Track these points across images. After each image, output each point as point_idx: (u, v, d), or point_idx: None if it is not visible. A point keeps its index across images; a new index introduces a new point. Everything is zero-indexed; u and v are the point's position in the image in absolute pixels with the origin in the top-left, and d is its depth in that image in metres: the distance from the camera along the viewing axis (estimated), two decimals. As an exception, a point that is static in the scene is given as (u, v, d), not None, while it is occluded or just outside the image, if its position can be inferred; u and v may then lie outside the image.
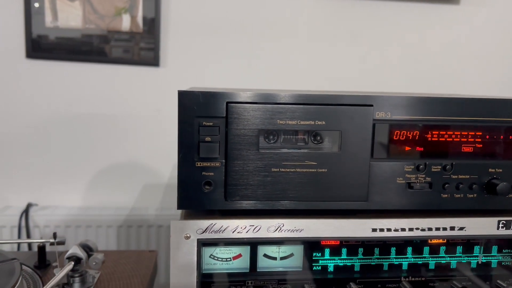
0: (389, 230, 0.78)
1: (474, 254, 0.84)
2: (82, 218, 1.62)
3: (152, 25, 1.55)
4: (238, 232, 0.75)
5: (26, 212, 1.60)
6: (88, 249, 1.07)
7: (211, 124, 0.72)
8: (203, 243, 0.75)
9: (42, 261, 1.08)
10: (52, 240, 1.03)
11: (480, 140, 0.79)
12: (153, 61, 1.59)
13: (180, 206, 0.73)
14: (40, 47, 1.54)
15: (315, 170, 0.75)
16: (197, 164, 0.72)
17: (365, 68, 1.64)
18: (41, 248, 1.09)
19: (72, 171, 1.64)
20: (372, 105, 0.74)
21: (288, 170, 0.74)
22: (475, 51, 1.70)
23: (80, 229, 1.61)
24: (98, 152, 1.63)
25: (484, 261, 0.84)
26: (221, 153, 0.73)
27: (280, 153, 0.74)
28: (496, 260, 0.84)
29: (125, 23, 1.55)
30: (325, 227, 0.77)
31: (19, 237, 1.55)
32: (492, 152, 0.79)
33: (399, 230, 0.78)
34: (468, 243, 0.83)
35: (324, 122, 0.74)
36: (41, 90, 1.57)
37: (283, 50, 1.61)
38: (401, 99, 0.75)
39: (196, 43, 1.58)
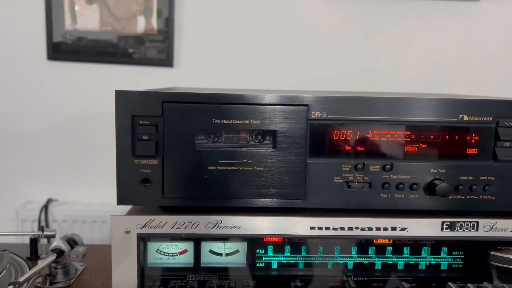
0: (327, 228, 0.74)
1: (422, 256, 0.79)
2: (98, 214, 1.64)
3: (166, 27, 1.55)
4: (177, 228, 0.74)
5: (46, 207, 1.64)
6: (72, 242, 1.08)
7: (147, 122, 0.71)
8: (142, 238, 0.74)
9: (34, 253, 1.10)
10: (40, 233, 1.05)
11: (426, 139, 0.74)
12: (167, 62, 1.59)
13: (119, 201, 0.72)
14: (60, 49, 1.58)
15: (252, 168, 0.73)
16: (135, 161, 0.71)
17: (379, 68, 1.58)
18: (33, 240, 1.11)
19: (92, 168, 1.66)
20: (307, 105, 0.72)
21: (225, 168, 0.72)
22: (496, 49, 1.58)
23: (96, 224, 1.64)
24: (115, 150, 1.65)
25: (433, 262, 0.79)
26: (159, 151, 0.72)
27: (216, 151, 0.72)
28: (446, 262, 0.79)
29: (140, 25, 1.56)
30: (263, 224, 0.74)
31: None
32: (436, 152, 0.75)
33: (338, 229, 0.75)
34: (416, 244, 0.79)
35: (259, 122, 0.71)
36: (62, 90, 1.61)
37: (297, 50, 1.56)
38: (336, 99, 0.71)
39: (210, 44, 1.56)
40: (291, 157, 0.72)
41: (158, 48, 1.56)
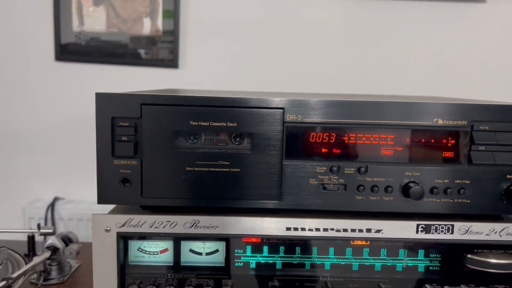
0: (303, 229, 0.74)
1: (399, 258, 0.79)
2: (103, 213, 1.66)
3: (171, 28, 1.56)
4: (156, 227, 0.74)
5: (52, 205, 1.67)
6: (67, 239, 1.09)
7: (127, 124, 0.71)
8: (122, 236, 0.75)
9: (32, 250, 1.12)
10: (37, 231, 1.07)
11: (401, 143, 0.74)
12: (172, 63, 1.60)
13: (99, 201, 0.73)
14: (68, 50, 1.60)
15: (229, 169, 0.73)
16: (115, 162, 0.72)
17: (385, 69, 1.56)
18: (30, 237, 1.12)
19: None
20: (282, 108, 0.72)
21: (202, 169, 0.73)
22: (503, 51, 1.56)
23: (100, 223, 1.65)
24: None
25: (410, 265, 0.79)
26: (138, 152, 0.72)
27: (194, 152, 0.72)
28: (423, 265, 0.79)
29: (146, 26, 1.58)
30: (240, 224, 0.74)
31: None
32: (412, 155, 0.74)
33: (314, 230, 0.75)
34: (393, 246, 0.78)
35: (235, 124, 0.72)
36: (70, 91, 1.63)
37: (302, 52, 1.55)
38: (311, 103, 0.72)
39: (214, 45, 1.57)
40: (267, 159, 0.72)
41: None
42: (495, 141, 0.71)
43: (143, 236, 0.76)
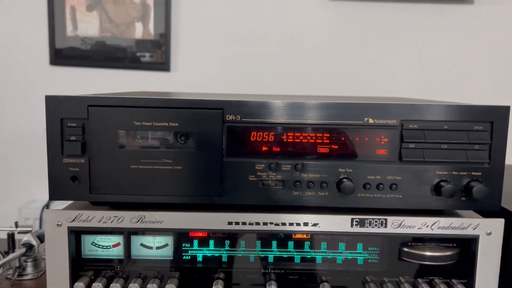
0: (244, 223, 0.74)
1: (338, 251, 0.78)
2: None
3: (163, 32, 1.56)
4: (104, 222, 0.74)
5: (47, 206, 1.67)
6: (43, 237, 1.09)
7: (74, 125, 0.71)
8: (73, 231, 0.75)
9: (12, 247, 1.12)
10: (14, 229, 1.07)
11: (335, 141, 0.74)
12: (164, 66, 1.60)
13: (51, 197, 0.73)
14: (62, 54, 1.61)
15: (171, 167, 0.73)
16: (64, 160, 0.72)
17: (376, 71, 1.54)
18: (10, 235, 1.12)
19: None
20: (222, 109, 0.72)
21: (146, 167, 0.73)
22: (491, 52, 1.49)
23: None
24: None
25: (350, 257, 0.78)
26: (87, 151, 0.72)
27: (138, 151, 0.72)
28: (362, 258, 0.78)
29: (138, 31, 1.58)
30: (184, 219, 0.74)
31: (40, 228, 1.62)
32: (346, 153, 0.73)
33: (254, 224, 0.74)
34: (333, 240, 0.78)
35: (177, 124, 0.72)
36: (64, 93, 1.63)
37: (292, 55, 1.53)
38: (247, 103, 0.71)
39: (205, 48, 1.56)
40: (209, 157, 0.72)
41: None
42: (423, 139, 0.71)
43: (96, 231, 0.76)
